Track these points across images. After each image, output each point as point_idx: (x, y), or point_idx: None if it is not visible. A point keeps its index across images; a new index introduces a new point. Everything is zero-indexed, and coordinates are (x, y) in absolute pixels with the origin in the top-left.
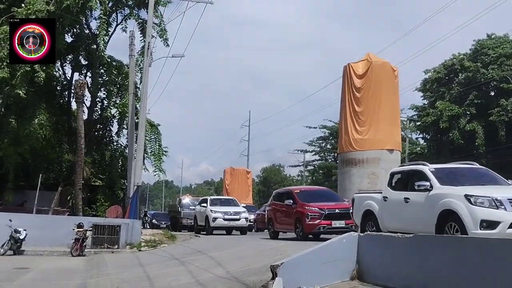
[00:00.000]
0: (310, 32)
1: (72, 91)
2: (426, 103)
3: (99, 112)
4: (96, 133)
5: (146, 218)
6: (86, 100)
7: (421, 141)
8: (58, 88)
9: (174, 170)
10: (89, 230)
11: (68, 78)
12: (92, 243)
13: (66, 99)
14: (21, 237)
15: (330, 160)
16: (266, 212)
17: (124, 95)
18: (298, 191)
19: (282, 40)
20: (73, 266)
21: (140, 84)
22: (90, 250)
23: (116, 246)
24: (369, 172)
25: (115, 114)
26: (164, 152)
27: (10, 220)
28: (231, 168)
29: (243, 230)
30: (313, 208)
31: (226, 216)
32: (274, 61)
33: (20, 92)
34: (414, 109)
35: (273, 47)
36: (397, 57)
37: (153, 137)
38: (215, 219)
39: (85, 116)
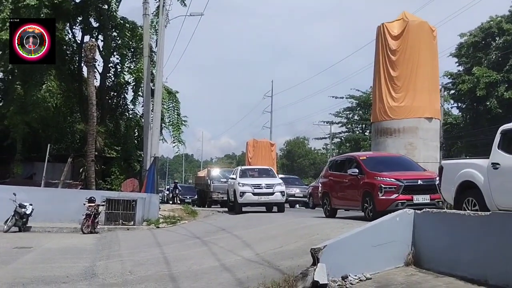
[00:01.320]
0: (333, 1)
1: (83, 55)
2: (461, 69)
3: (113, 79)
4: (109, 101)
5: (177, 191)
6: (98, 65)
7: (455, 111)
8: (68, 52)
9: (193, 143)
10: (102, 205)
11: (79, 42)
12: (106, 219)
13: (77, 64)
14: (27, 212)
15: (358, 132)
16: (320, 185)
17: (139, 60)
18: (365, 157)
19: (303, 7)
20: (82, 245)
21: (155, 47)
22: (103, 226)
23: (132, 222)
24: (406, 142)
25: (129, 81)
26: (183, 122)
27: (15, 194)
28: (254, 140)
29: (280, 207)
30: (387, 179)
31: (256, 190)
32: (295, 30)
33: None
34: (449, 76)
35: (294, 15)
36: (429, 20)
37: (171, 105)
38: (242, 193)
39: (97, 83)
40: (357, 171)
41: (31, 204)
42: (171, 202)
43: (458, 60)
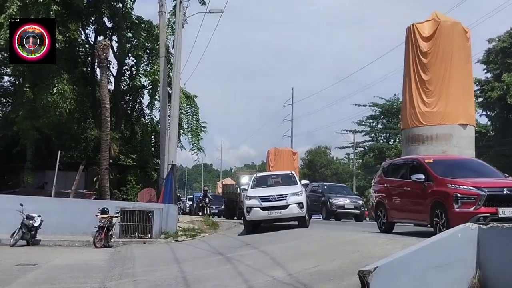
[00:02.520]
0: (352, 8)
1: (96, 55)
2: (489, 76)
3: (128, 82)
4: (124, 106)
5: (206, 200)
6: (113, 68)
7: (483, 119)
8: (80, 54)
9: (212, 153)
10: (115, 216)
11: (92, 43)
12: (121, 231)
13: (90, 67)
14: (35, 224)
15: (382, 141)
16: (373, 193)
17: (155, 62)
18: (431, 160)
19: (323, 16)
20: (93, 261)
21: (172, 48)
22: (117, 240)
23: (149, 235)
24: (439, 150)
25: (145, 84)
26: (202, 128)
27: (21, 205)
28: (276, 149)
29: (300, 222)
30: (464, 187)
31: (266, 204)
32: (315, 38)
33: None
34: (477, 83)
35: (313, 24)
36: None
37: (189, 110)
38: (250, 208)
39: (111, 87)
40: (423, 176)
41: (39, 216)
42: (200, 213)
43: (486, 66)
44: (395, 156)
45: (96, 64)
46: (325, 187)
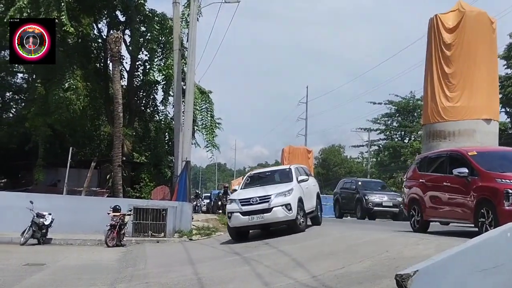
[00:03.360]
0: (367, 5)
1: (108, 48)
2: (510, 72)
3: (141, 78)
4: (138, 102)
5: (227, 198)
6: (126, 63)
7: (503, 117)
8: (93, 49)
9: (226, 152)
10: (128, 215)
11: (104, 37)
12: (134, 230)
13: (103, 62)
14: (46, 222)
15: (396, 139)
16: (405, 189)
17: (168, 56)
18: (474, 152)
19: (338, 13)
20: (104, 261)
21: (187, 42)
22: (130, 239)
23: (162, 234)
24: (461, 147)
25: (159, 79)
26: (217, 125)
27: (31, 202)
28: (290, 147)
29: (291, 226)
30: None
31: (246, 208)
32: (329, 36)
33: None
34: None
35: (326, 21)
36: None
37: (203, 106)
38: (230, 214)
39: (124, 82)
40: (467, 170)
41: (50, 214)
42: (220, 211)
43: (507, 62)
44: (411, 154)
45: (108, 58)
46: (359, 183)
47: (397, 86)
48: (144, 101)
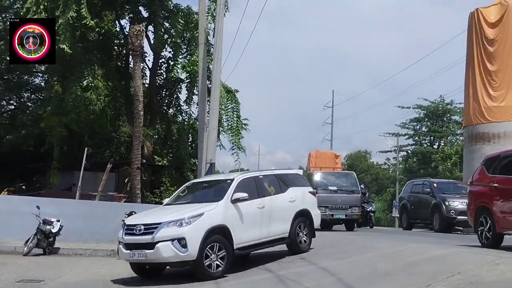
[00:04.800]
0: (390, 11)
1: (128, 41)
2: None
3: (164, 76)
4: (160, 101)
5: None
6: (148, 60)
7: None
8: (115, 47)
9: (249, 157)
10: None
11: (126, 34)
12: None
13: (124, 60)
14: (53, 230)
15: (425, 145)
16: (470, 196)
17: (193, 52)
18: None
19: (361, 19)
20: (112, 276)
21: (212, 38)
22: None
23: None
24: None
25: (183, 78)
26: (243, 126)
27: (38, 207)
28: (317, 152)
29: (194, 269)
30: None
31: (128, 238)
32: (353, 42)
33: (65, 46)
34: None
35: (351, 28)
36: None
37: (229, 106)
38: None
39: (146, 80)
40: None
41: (58, 220)
42: None
43: None
44: (442, 160)
45: (129, 52)
46: (435, 184)
47: (422, 91)
48: (166, 101)
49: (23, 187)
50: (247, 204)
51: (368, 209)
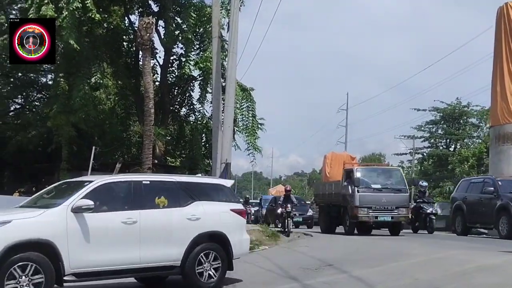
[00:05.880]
0: (405, 15)
1: (137, 35)
2: None
3: (176, 74)
4: (172, 100)
5: (289, 208)
6: (159, 57)
7: None
8: (124, 43)
9: (262, 160)
10: None
11: (136, 29)
12: None
13: (134, 57)
14: None
15: (441, 147)
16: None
17: (206, 48)
18: None
19: (374, 22)
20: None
21: (227, 32)
22: None
23: None
24: None
25: (195, 75)
26: (259, 125)
27: None
28: (333, 154)
29: None
30: None
31: None
32: (366, 45)
33: (71, 40)
34: None
35: (364, 30)
36: None
37: (244, 105)
38: None
39: (157, 77)
40: None
41: None
42: (279, 225)
43: None
44: (459, 163)
45: (138, 47)
46: (499, 183)
47: (436, 94)
48: (179, 99)
49: (33, 188)
50: (102, 216)
51: (428, 211)
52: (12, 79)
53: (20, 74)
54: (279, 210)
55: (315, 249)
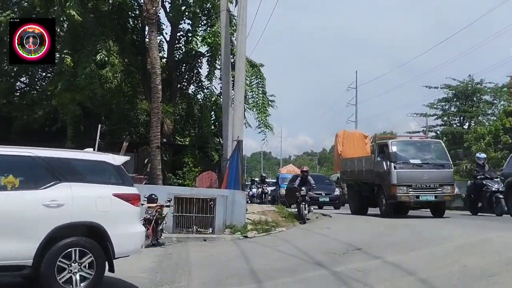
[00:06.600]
0: None
1: (143, 9)
2: None
3: (183, 50)
4: (179, 77)
5: (306, 187)
6: (166, 33)
7: None
8: (130, 19)
9: (270, 141)
10: (167, 206)
11: (141, 4)
12: (175, 225)
13: (140, 34)
14: None
15: (455, 125)
16: None
17: (214, 23)
18: None
19: (381, 2)
20: (131, 271)
21: (235, 7)
22: (171, 235)
23: (210, 229)
24: None
25: (203, 51)
26: (270, 102)
27: None
28: (345, 132)
29: None
30: None
31: None
32: (373, 25)
33: (73, 12)
34: None
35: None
36: None
37: (254, 82)
38: None
39: (164, 54)
40: None
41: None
42: (306, 208)
43: None
44: (475, 140)
45: (144, 21)
46: None
47: (445, 73)
48: (186, 76)
49: None
50: None
51: (493, 188)
52: None
53: None
54: (298, 193)
55: (338, 231)
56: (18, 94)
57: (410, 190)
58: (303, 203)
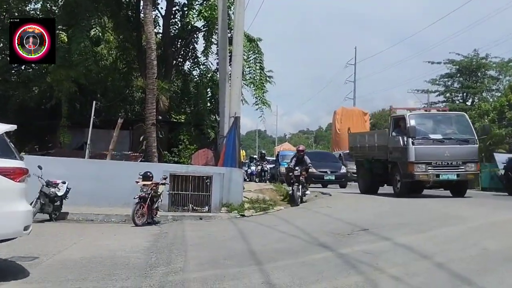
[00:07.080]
0: None
1: None
2: None
3: (179, 25)
4: (175, 53)
5: (296, 171)
6: (161, 8)
7: None
8: None
9: (266, 119)
10: (162, 184)
11: None
12: (171, 203)
13: (135, 10)
14: (59, 193)
15: (458, 102)
16: None
17: None
18: None
19: None
20: (126, 250)
21: None
22: (166, 214)
23: (206, 208)
24: None
25: (199, 26)
26: (267, 78)
27: (40, 167)
28: (343, 109)
29: None
30: None
31: None
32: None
33: None
34: None
35: None
36: None
37: (252, 57)
38: None
39: (160, 29)
40: None
41: (64, 182)
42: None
43: None
44: (479, 117)
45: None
46: None
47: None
48: (182, 52)
49: (36, 147)
50: None
51: None
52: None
53: None
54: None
55: (340, 210)
56: (14, 72)
57: (429, 168)
58: (296, 184)
